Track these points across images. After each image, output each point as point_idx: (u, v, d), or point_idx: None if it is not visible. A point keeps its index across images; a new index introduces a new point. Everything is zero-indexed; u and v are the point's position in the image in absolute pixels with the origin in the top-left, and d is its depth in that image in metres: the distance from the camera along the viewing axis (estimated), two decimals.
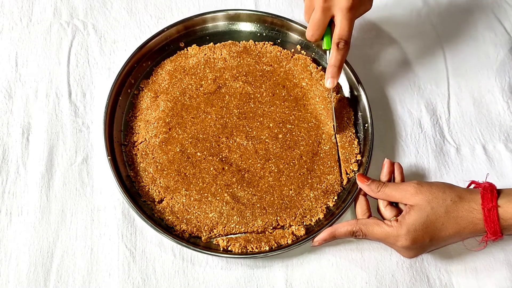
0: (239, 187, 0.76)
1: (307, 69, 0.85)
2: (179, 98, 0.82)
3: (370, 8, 0.80)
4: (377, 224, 0.70)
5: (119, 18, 0.91)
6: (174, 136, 0.79)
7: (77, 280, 0.71)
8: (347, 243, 0.75)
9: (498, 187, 0.70)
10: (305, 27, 0.86)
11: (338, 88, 0.84)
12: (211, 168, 0.77)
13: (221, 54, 0.86)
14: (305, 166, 0.78)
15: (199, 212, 0.74)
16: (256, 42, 0.88)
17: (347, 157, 0.79)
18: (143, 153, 0.78)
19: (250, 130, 0.80)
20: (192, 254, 0.74)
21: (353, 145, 0.80)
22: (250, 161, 0.78)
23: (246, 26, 0.89)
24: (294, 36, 0.88)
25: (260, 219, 0.74)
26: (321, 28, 0.78)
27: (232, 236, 0.74)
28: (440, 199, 0.68)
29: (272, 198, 0.76)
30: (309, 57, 0.86)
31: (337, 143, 0.80)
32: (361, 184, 0.74)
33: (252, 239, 0.73)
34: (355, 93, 0.84)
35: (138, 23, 0.91)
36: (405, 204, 0.71)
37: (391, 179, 0.76)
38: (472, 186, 0.73)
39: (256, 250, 0.72)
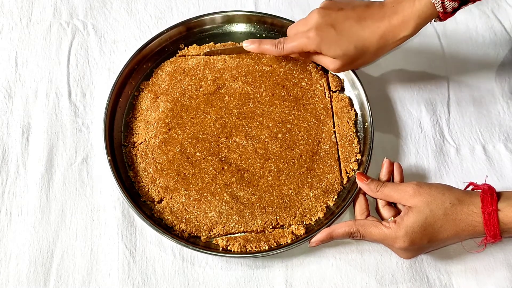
0: (238, 186, 0.76)
1: (307, 69, 0.85)
2: (179, 98, 0.82)
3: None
4: (375, 226, 0.70)
5: (119, 18, 0.91)
6: (173, 137, 0.79)
7: (77, 280, 0.72)
8: (347, 244, 0.75)
9: (498, 188, 0.70)
10: None
11: (338, 87, 0.84)
12: (211, 168, 0.77)
13: (221, 55, 0.86)
14: (305, 165, 0.78)
15: (198, 212, 0.74)
16: None
17: (347, 156, 0.79)
18: (143, 154, 0.78)
19: (250, 130, 0.80)
20: (192, 254, 0.74)
21: (353, 144, 0.80)
22: (249, 160, 0.78)
23: (245, 27, 0.89)
24: None
25: (259, 218, 0.74)
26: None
27: (231, 235, 0.74)
28: (439, 201, 0.68)
29: (271, 198, 0.76)
30: None
31: (337, 142, 0.80)
32: (360, 183, 0.74)
33: (252, 238, 0.73)
34: (355, 92, 0.84)
35: (138, 23, 0.91)
36: (404, 205, 0.71)
37: (390, 178, 0.76)
38: (470, 187, 0.73)
39: (256, 249, 0.72)
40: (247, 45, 0.82)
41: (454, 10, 0.72)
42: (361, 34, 0.74)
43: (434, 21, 0.74)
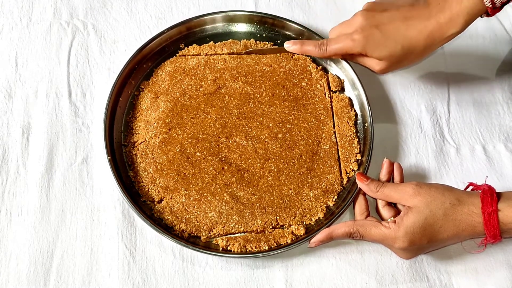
0: (238, 186, 0.76)
1: (307, 69, 0.85)
2: (179, 98, 0.82)
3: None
4: (375, 226, 0.70)
5: (119, 18, 0.91)
6: (174, 136, 0.79)
7: (77, 280, 0.72)
8: (347, 244, 0.75)
9: (498, 188, 0.70)
10: (304, 28, 0.87)
11: (339, 88, 0.84)
12: (211, 168, 0.77)
13: (222, 51, 0.86)
14: (305, 166, 0.78)
15: (198, 212, 0.74)
16: (257, 42, 0.88)
17: (347, 156, 0.79)
18: (143, 153, 0.78)
19: (250, 130, 0.80)
20: (192, 254, 0.74)
21: (353, 145, 0.80)
22: (249, 160, 0.78)
23: (246, 27, 0.89)
24: (294, 37, 0.88)
25: (259, 218, 0.74)
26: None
27: (231, 235, 0.74)
28: (439, 201, 0.68)
29: (271, 198, 0.76)
30: (309, 57, 0.86)
31: (337, 142, 0.80)
32: (360, 183, 0.74)
33: (252, 238, 0.73)
34: (355, 93, 0.84)
35: (138, 23, 0.91)
36: (404, 205, 0.71)
37: (390, 179, 0.76)
38: (470, 188, 0.73)
39: (256, 249, 0.72)
40: (289, 45, 0.83)
41: (503, 5, 0.72)
42: (408, 34, 0.74)
43: (481, 16, 0.74)
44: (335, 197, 0.77)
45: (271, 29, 0.89)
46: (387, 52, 0.75)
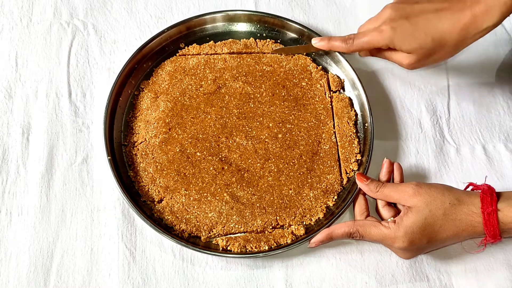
0: (238, 186, 0.76)
1: (307, 69, 0.85)
2: (179, 98, 0.82)
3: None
4: (375, 226, 0.70)
5: (119, 18, 0.91)
6: (174, 136, 0.79)
7: (77, 280, 0.72)
8: (347, 244, 0.75)
9: (498, 188, 0.70)
10: (304, 27, 0.87)
11: (338, 88, 0.84)
12: (211, 168, 0.77)
13: (222, 51, 0.86)
14: (305, 166, 0.78)
15: (198, 212, 0.74)
16: (257, 40, 0.88)
17: (347, 156, 0.79)
18: (143, 153, 0.78)
19: (250, 130, 0.80)
20: (192, 254, 0.74)
21: (353, 145, 0.80)
22: (249, 160, 0.78)
23: (246, 27, 0.89)
24: (294, 37, 0.88)
25: (259, 218, 0.74)
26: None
27: (231, 235, 0.74)
28: (439, 201, 0.68)
29: (271, 198, 0.76)
30: (309, 57, 0.86)
31: (337, 142, 0.80)
32: (360, 183, 0.74)
33: (252, 238, 0.73)
34: (356, 93, 0.84)
35: (138, 23, 0.91)
36: (403, 205, 0.71)
37: (390, 179, 0.76)
38: (470, 188, 0.73)
39: (256, 249, 0.72)
40: (316, 42, 0.82)
41: None
42: (439, 26, 0.71)
43: None
44: (335, 197, 0.77)
45: (271, 28, 0.89)
46: (417, 44, 0.72)
